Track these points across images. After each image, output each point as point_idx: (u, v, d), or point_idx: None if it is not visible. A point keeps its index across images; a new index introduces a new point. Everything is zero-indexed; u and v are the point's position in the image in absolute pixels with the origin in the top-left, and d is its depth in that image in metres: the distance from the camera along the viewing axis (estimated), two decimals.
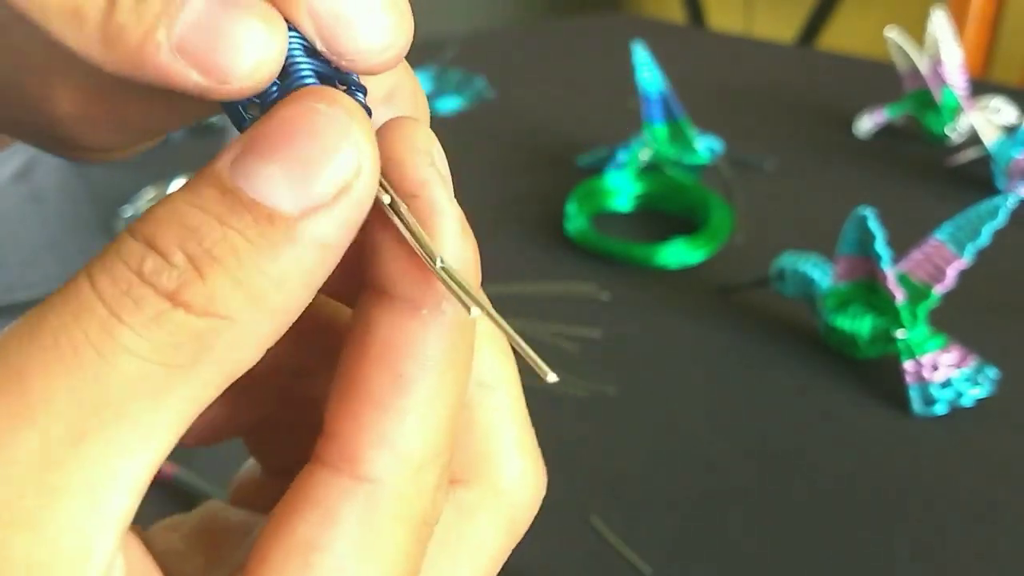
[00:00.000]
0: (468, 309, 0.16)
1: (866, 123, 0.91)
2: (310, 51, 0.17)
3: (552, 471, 0.21)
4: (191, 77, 0.16)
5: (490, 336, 0.20)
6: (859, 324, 0.56)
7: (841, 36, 1.96)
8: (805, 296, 0.60)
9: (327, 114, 0.16)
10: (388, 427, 0.17)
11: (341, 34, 0.17)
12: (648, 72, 0.78)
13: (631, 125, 0.81)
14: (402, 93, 0.20)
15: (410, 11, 0.17)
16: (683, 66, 0.93)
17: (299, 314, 0.16)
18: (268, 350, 0.16)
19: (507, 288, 0.67)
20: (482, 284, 0.19)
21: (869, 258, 0.55)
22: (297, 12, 0.16)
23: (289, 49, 0.17)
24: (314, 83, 0.17)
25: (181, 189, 0.16)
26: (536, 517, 0.21)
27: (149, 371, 0.15)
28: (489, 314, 0.17)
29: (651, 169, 0.79)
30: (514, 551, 0.20)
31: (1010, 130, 0.82)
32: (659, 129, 0.79)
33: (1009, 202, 0.52)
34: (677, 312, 0.65)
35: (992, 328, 0.61)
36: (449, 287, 0.16)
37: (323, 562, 0.16)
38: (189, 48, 0.15)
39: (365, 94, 0.18)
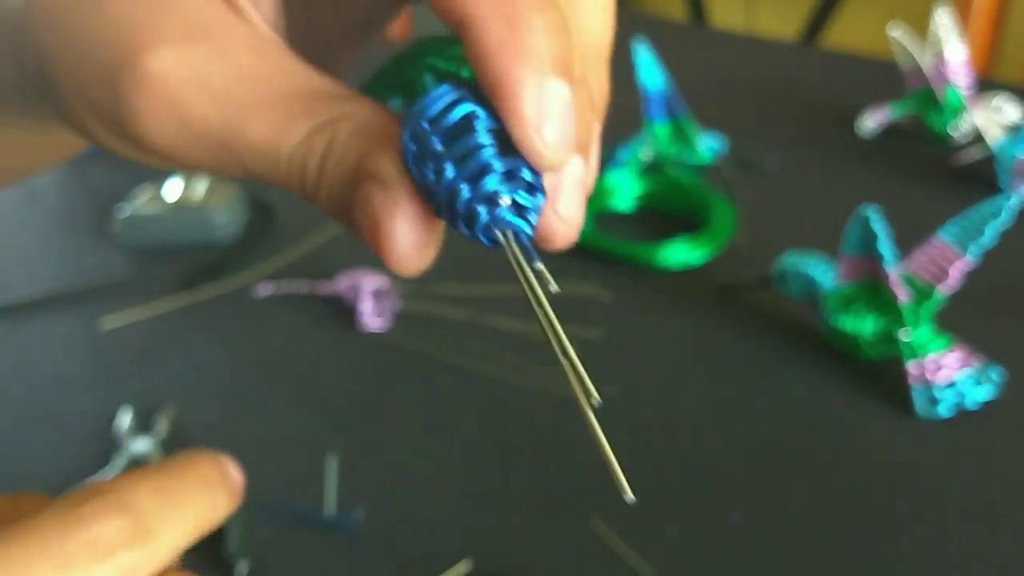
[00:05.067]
0: (589, 399, 0.18)
1: (869, 122, 0.90)
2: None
3: (552, 471, 0.20)
4: None
5: None
6: (862, 325, 0.56)
7: (844, 34, 1.96)
8: (808, 296, 0.59)
9: None
10: None
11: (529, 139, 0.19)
12: (649, 70, 0.77)
13: (632, 124, 0.81)
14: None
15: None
16: (684, 64, 0.92)
17: None
18: None
19: (507, 288, 0.67)
20: (482, 284, 0.19)
21: (872, 258, 0.54)
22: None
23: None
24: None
25: None
26: (536, 517, 0.20)
27: None
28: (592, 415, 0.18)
29: (652, 168, 0.79)
30: (514, 550, 0.20)
31: (1014, 129, 0.82)
32: (660, 128, 0.79)
33: (1013, 201, 0.52)
34: (678, 312, 0.65)
35: (997, 328, 0.60)
36: (574, 375, 0.18)
37: None
38: None
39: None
